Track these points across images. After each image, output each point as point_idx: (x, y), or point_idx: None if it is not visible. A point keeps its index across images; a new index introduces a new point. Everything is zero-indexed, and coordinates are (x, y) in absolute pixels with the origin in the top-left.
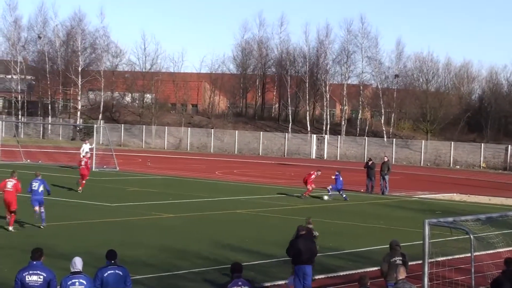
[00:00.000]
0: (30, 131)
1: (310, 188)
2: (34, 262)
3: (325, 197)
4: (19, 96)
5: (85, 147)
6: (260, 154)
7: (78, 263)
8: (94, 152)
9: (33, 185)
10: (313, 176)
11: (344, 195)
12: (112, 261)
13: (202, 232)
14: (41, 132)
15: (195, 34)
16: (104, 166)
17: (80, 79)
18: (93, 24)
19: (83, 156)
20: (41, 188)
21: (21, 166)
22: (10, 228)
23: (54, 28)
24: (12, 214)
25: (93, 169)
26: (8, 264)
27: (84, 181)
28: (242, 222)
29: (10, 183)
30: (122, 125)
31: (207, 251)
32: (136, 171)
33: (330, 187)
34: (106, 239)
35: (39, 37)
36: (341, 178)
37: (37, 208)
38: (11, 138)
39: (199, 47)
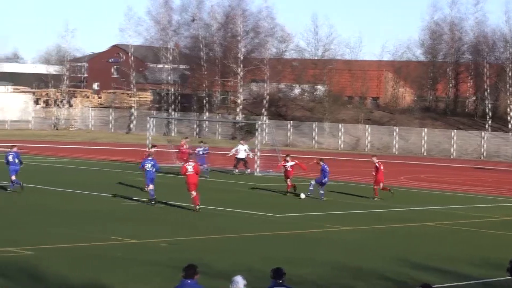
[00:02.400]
0: (184, 128)
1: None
2: (187, 281)
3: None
4: (171, 88)
5: (241, 147)
6: (453, 156)
7: (240, 283)
8: (256, 154)
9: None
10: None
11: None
12: (279, 281)
13: (382, 248)
14: (196, 130)
15: (375, 16)
16: (269, 170)
17: (240, 69)
18: (255, 4)
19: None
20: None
21: (172, 169)
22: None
23: (210, 9)
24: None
25: (256, 174)
26: (157, 283)
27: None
28: (430, 236)
29: (190, 167)
30: (290, 121)
31: (387, 270)
32: (305, 175)
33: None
34: (271, 255)
35: (193, 20)
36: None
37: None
38: (162, 136)
39: (380, 30)
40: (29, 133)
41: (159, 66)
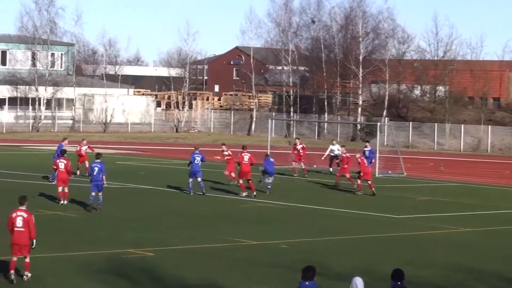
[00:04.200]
0: (304, 130)
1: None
2: (307, 283)
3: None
4: (291, 90)
5: (334, 148)
6: None
7: (359, 284)
8: (377, 155)
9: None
10: None
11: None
12: (399, 282)
13: (504, 249)
14: (316, 131)
15: (496, 15)
16: (389, 171)
17: (361, 70)
18: (376, 5)
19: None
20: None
21: (290, 171)
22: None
23: (330, 10)
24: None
25: (376, 175)
26: (276, 285)
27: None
28: None
29: (246, 156)
30: (410, 122)
31: (508, 271)
32: (427, 177)
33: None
34: (391, 256)
35: (313, 22)
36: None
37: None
38: (282, 138)
39: (501, 30)
40: (151, 136)
41: (279, 68)
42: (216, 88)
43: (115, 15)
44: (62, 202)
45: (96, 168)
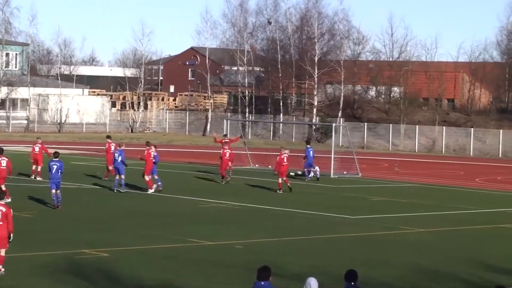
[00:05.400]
0: (259, 130)
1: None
2: (262, 283)
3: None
4: (247, 91)
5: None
6: None
7: (313, 284)
8: (332, 156)
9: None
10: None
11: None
12: (352, 283)
13: (458, 250)
14: (272, 132)
15: (451, 17)
16: (344, 172)
17: (316, 71)
18: (331, 6)
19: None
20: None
21: (248, 171)
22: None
23: (286, 11)
24: None
25: (331, 176)
26: (233, 285)
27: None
28: (508, 238)
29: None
30: (365, 123)
31: (465, 272)
32: (381, 177)
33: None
34: (346, 257)
35: (269, 23)
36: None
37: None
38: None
39: (456, 31)
40: (105, 136)
41: (234, 68)
42: (172, 89)
43: (70, 15)
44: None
45: (55, 166)
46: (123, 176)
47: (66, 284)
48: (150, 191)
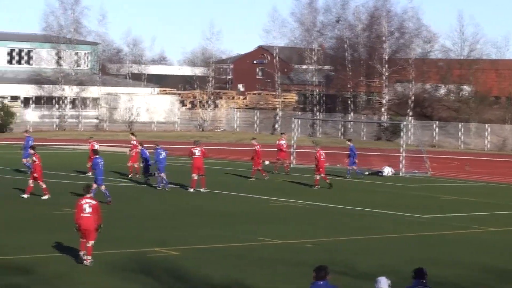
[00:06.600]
0: (328, 129)
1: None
2: (320, 282)
3: None
4: (315, 89)
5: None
6: None
7: (384, 284)
8: (401, 155)
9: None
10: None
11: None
12: (422, 281)
13: None
14: (341, 131)
15: None
16: (414, 171)
17: (385, 69)
18: (400, 5)
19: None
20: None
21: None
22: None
23: (355, 10)
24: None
25: (401, 174)
26: (302, 283)
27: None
28: None
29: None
30: (435, 122)
31: None
32: (452, 176)
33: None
34: (415, 256)
35: (338, 21)
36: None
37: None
38: (306, 138)
39: None
40: (175, 135)
41: (303, 67)
42: (241, 87)
43: (139, 15)
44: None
45: (102, 163)
46: (163, 175)
47: (135, 282)
48: (191, 190)
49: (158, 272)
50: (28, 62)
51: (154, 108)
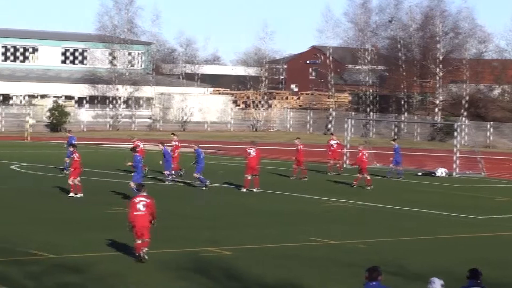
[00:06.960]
0: (382, 129)
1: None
2: (372, 283)
3: None
4: (369, 90)
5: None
6: None
7: (437, 285)
8: (455, 155)
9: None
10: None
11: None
12: (476, 281)
13: None
14: (394, 131)
15: None
16: (468, 171)
17: (439, 69)
18: (455, 5)
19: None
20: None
21: (371, 170)
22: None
23: (408, 10)
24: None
25: (455, 175)
26: (353, 284)
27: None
28: None
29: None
30: (490, 123)
31: None
32: (507, 177)
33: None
34: (469, 257)
35: (391, 21)
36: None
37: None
38: (360, 138)
39: None
40: (228, 135)
41: (357, 67)
42: (294, 87)
43: (193, 15)
44: (73, 195)
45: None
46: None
47: (189, 281)
48: (244, 190)
49: (212, 272)
50: (82, 62)
51: (207, 108)
